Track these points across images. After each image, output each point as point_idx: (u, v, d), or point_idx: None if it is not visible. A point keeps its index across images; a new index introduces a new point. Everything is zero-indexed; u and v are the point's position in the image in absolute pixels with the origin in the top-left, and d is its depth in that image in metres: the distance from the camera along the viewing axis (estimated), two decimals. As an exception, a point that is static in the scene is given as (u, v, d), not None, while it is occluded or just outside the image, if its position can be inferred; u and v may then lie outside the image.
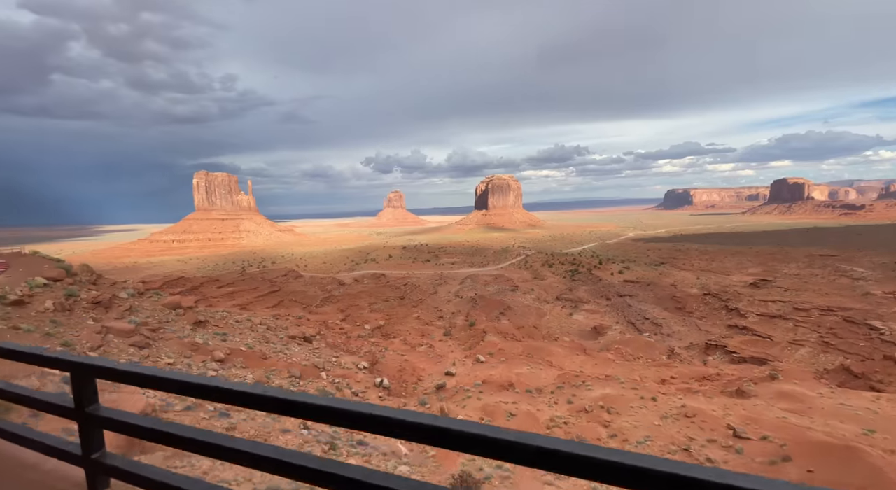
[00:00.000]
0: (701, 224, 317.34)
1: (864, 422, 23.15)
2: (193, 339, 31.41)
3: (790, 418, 24.06)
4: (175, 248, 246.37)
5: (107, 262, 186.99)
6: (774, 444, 20.66)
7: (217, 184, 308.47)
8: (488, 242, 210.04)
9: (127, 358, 22.96)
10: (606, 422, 25.94)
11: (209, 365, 28.04)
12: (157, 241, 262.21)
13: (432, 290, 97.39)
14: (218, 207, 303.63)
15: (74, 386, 1.89)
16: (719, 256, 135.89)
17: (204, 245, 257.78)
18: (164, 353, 26.02)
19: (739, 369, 42.57)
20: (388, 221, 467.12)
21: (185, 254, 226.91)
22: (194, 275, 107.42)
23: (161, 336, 28.74)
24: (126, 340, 24.91)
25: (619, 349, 54.71)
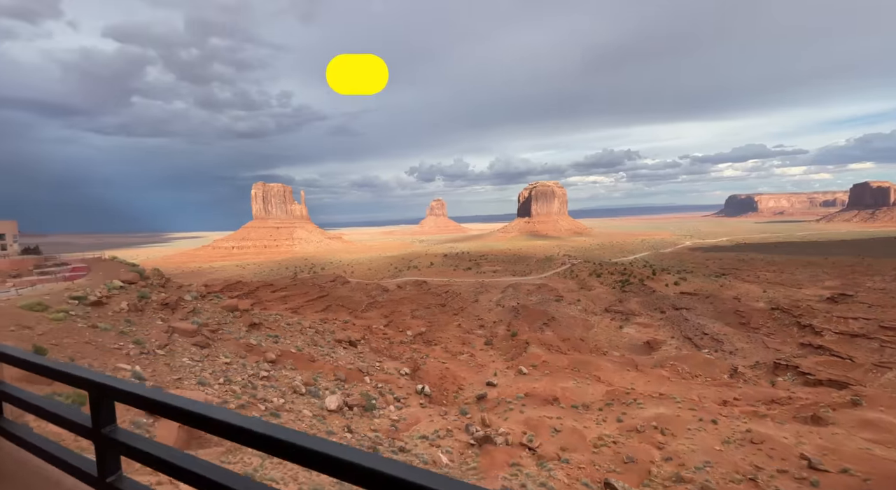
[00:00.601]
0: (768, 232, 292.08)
1: (973, 461, 19.98)
2: (248, 340, 33.31)
3: (875, 450, 21.25)
4: (234, 254, 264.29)
5: (175, 266, 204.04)
6: (857, 477, 18.31)
7: (273, 194, 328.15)
8: (531, 251, 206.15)
9: (189, 357, 24.73)
10: (660, 443, 24.28)
11: (262, 366, 29.57)
12: (219, 247, 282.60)
13: (473, 298, 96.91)
14: (273, 216, 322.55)
15: (92, 406, 1.81)
16: (789, 267, 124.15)
17: (260, 251, 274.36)
18: (222, 353, 27.76)
19: (815, 393, 38.38)
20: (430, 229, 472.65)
21: (243, 259, 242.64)
22: (251, 279, 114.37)
23: (220, 336, 30.66)
24: (189, 340, 26.86)
25: (674, 366, 51.27)
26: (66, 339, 20.08)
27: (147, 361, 21.61)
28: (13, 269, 37.96)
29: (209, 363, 25.03)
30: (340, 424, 23.67)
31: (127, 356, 21.09)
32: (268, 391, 24.69)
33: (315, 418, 23.52)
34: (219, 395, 21.17)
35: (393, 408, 30.38)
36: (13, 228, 46.88)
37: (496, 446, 23.96)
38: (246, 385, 24.25)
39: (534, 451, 24.26)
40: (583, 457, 23.56)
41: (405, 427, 26.30)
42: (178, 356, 23.95)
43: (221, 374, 24.15)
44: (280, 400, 23.83)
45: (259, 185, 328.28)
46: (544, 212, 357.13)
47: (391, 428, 25.70)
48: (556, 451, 24.14)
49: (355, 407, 27.15)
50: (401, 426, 26.32)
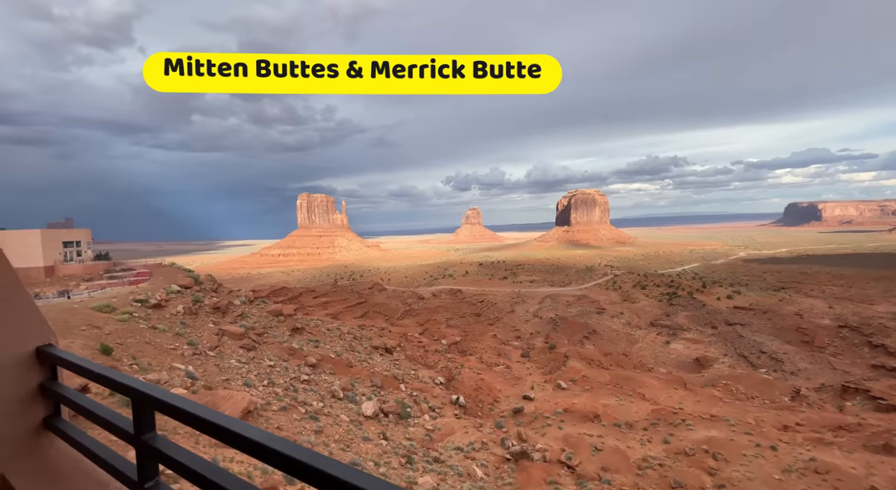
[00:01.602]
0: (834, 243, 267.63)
1: None
2: (291, 344, 34.64)
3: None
4: (280, 261, 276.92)
5: (226, 272, 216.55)
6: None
7: (316, 204, 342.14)
8: (570, 260, 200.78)
9: (237, 358, 26.07)
10: (712, 469, 22.65)
11: (303, 369, 30.60)
12: (266, 254, 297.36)
13: (509, 308, 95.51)
14: (316, 225, 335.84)
15: (135, 413, 1.86)
16: (859, 282, 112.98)
17: (304, 259, 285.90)
18: (267, 356, 29.02)
19: (887, 419, 34.45)
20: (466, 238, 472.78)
21: (288, 266, 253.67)
22: (294, 285, 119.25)
23: (265, 340, 32.08)
24: (237, 342, 28.31)
25: (727, 385, 47.85)
26: (130, 338, 21.80)
27: (199, 362, 22.98)
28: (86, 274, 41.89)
29: (254, 365, 26.22)
30: (376, 431, 23.93)
31: (181, 356, 22.55)
32: (308, 394, 25.47)
33: (352, 423, 23.95)
34: (262, 397, 22.09)
35: (427, 417, 30.36)
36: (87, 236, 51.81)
37: (533, 462, 23.29)
38: (288, 388, 25.16)
39: (573, 469, 23.35)
40: (626, 479, 22.40)
41: (440, 437, 26.17)
42: (226, 358, 25.28)
43: (266, 376, 25.22)
44: (319, 403, 24.51)
45: (304, 196, 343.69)
46: (584, 220, 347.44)
47: (426, 437, 25.66)
48: (597, 470, 23.12)
49: (391, 414, 27.40)
50: (435, 436, 26.22)
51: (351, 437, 22.14)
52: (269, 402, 21.84)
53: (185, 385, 18.73)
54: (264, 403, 21.40)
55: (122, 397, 13.52)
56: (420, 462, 21.62)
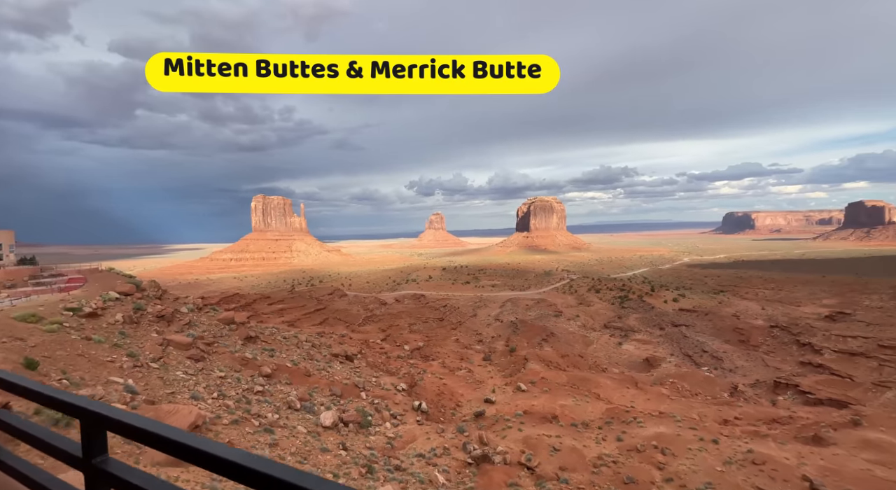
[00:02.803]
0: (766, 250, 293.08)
1: (979, 485, 19.66)
2: (244, 353, 32.92)
3: (876, 471, 20.92)
4: (232, 266, 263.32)
5: (171, 278, 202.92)
6: (864, 503, 17.98)
7: (273, 207, 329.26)
8: (530, 265, 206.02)
9: (183, 370, 24.38)
10: (661, 463, 23.86)
11: (257, 380, 29.13)
12: (217, 259, 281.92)
13: (472, 312, 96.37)
14: (273, 228, 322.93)
15: (83, 435, 1.74)
16: (788, 285, 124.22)
17: (258, 264, 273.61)
18: (217, 367, 27.39)
19: (815, 412, 37.94)
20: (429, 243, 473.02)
21: (241, 271, 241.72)
22: (248, 292, 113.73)
23: (215, 350, 30.30)
24: (184, 353, 26.53)
25: (674, 384, 50.77)
26: (59, 351, 19.82)
27: (140, 375, 21.30)
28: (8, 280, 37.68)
29: (203, 377, 24.68)
30: (335, 441, 23.21)
31: (120, 369, 20.79)
32: (262, 406, 24.28)
33: (310, 435, 23.08)
34: (212, 410, 20.81)
35: (389, 424, 29.84)
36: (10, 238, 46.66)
37: (494, 465, 23.50)
38: (240, 400, 23.86)
39: (532, 470, 23.79)
40: (582, 477, 23.11)
41: (401, 445, 25.81)
42: (172, 369, 23.62)
43: (216, 388, 23.79)
44: (274, 415, 23.43)
45: (259, 198, 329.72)
46: (543, 227, 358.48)
47: (387, 445, 25.22)
48: (555, 470, 23.69)
49: (351, 423, 26.67)
50: (397, 444, 25.83)
51: (308, 448, 21.33)
52: (219, 416, 20.61)
53: (123, 400, 17.26)
54: (214, 417, 20.16)
55: (49, 414, 12.20)
56: (381, 471, 21.19)
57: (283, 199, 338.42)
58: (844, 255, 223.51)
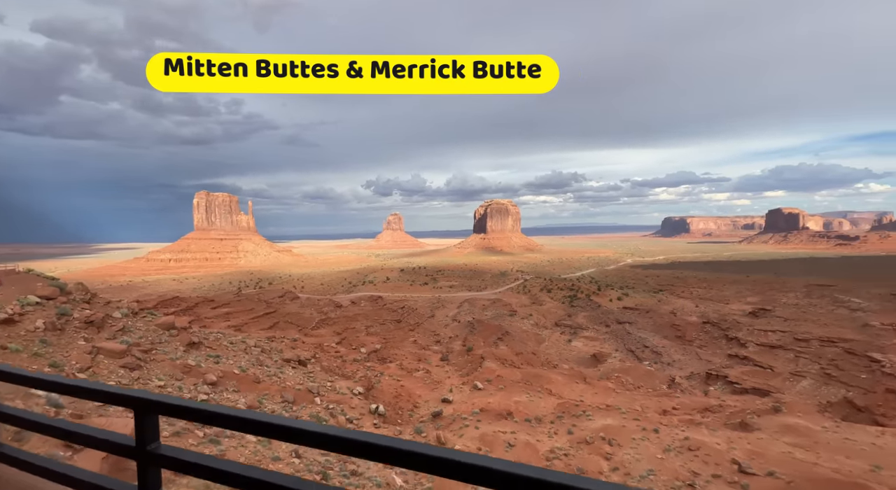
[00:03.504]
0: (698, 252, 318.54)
1: (870, 457, 22.55)
2: (186, 360, 30.76)
3: (796, 453, 23.42)
4: (171, 268, 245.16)
5: (101, 280, 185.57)
6: (781, 480, 20.03)
7: (217, 204, 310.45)
8: (486, 266, 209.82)
9: (116, 380, 22.38)
10: (608, 454, 25.18)
11: (201, 388, 27.32)
12: (154, 259, 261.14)
13: (430, 313, 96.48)
14: (217, 227, 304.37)
15: (137, 423, 1.82)
16: (717, 285, 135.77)
17: (200, 265, 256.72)
18: (155, 376, 25.42)
19: (742, 400, 41.74)
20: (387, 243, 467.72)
21: (181, 273, 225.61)
22: (189, 295, 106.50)
23: (153, 357, 28.15)
24: (117, 361, 24.39)
25: (619, 378, 53.75)
26: (-36, 363, 17.46)
27: (64, 387, 19.28)
28: None
29: (139, 387, 22.79)
30: (288, 449, 22.31)
31: (40, 381, 18.70)
32: (207, 416, 22.84)
33: (259, 443, 22.00)
34: (150, 423, 19.28)
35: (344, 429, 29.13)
36: None
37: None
38: (182, 410, 22.29)
39: (489, 467, 24.27)
40: (536, 471, 23.88)
41: (357, 449, 25.32)
42: (102, 380, 21.61)
43: (154, 398, 22.07)
44: (221, 425, 22.12)
45: (202, 194, 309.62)
46: (499, 229, 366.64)
47: (343, 450, 24.63)
48: (511, 466, 24.31)
49: (304, 430, 25.74)
50: (353, 448, 25.32)
51: (258, 458, 20.33)
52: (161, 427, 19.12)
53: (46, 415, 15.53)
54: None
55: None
56: (336, 477, 20.65)
57: (229, 196, 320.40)
58: (765, 257, 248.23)
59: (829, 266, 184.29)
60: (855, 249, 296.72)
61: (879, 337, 67.37)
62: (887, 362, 55.54)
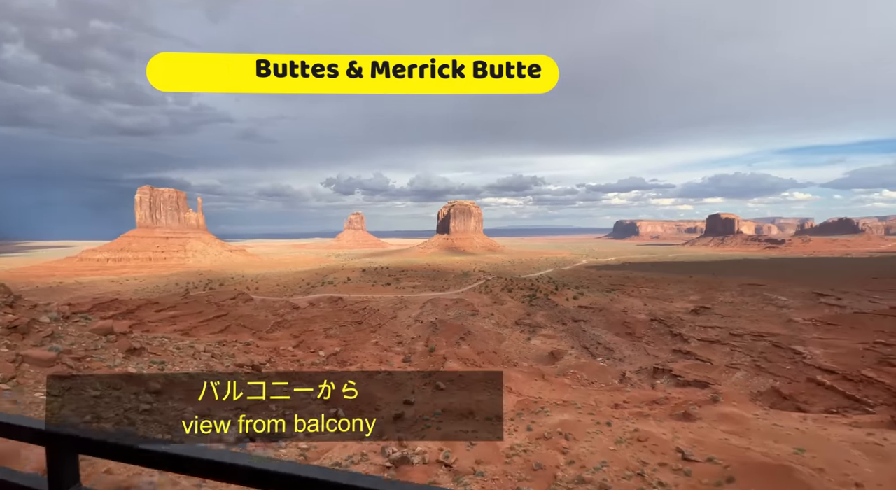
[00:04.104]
0: (646, 253, 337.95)
1: (794, 441, 24.90)
2: (126, 368, 28.57)
3: (731, 440, 25.41)
4: (109, 268, 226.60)
5: (26, 281, 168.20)
6: (719, 465, 21.65)
7: (163, 200, 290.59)
8: (450, 266, 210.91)
9: (45, 391, 20.37)
10: (565, 448, 26.11)
11: (143, 397, 25.44)
12: (89, 259, 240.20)
13: (392, 314, 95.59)
14: (162, 225, 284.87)
15: (51, 463, 1.47)
16: (663, 284, 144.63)
17: (143, 265, 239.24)
18: (90, 385, 23.40)
19: (685, 392, 44.67)
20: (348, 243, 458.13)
21: (120, 274, 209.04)
22: (130, 297, 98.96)
23: (88, 365, 25.94)
24: (45, 370, 22.25)
25: (575, 374, 55.85)
26: None
27: (-19, 401, 17.30)
28: None
29: (72, 398, 20.89)
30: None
31: (-50, 396, 16.66)
32: (150, 427, 21.29)
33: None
34: (84, 437, 17.71)
35: (302, 435, 28.28)
36: None
37: (413, 466, 23.59)
38: (120, 421, 20.64)
39: (450, 467, 24.37)
40: (496, 468, 24.30)
41: (315, 455, 24.60)
42: (28, 391, 19.64)
43: (89, 410, 20.29)
44: (166, 436, 20.73)
45: (145, 189, 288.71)
46: (462, 229, 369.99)
47: (300, 457, 23.84)
48: (472, 465, 24.56)
49: (258, 437, 24.74)
50: (311, 455, 24.56)
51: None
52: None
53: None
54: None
55: None
56: (293, 485, 19.99)
57: (176, 192, 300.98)
58: (705, 259, 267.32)
59: (760, 267, 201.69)
60: (781, 252, 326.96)
61: (801, 331, 74.62)
62: (808, 354, 61.62)
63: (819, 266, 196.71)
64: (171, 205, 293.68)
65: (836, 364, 55.86)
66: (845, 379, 49.62)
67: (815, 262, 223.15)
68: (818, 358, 59.30)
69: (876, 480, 18.62)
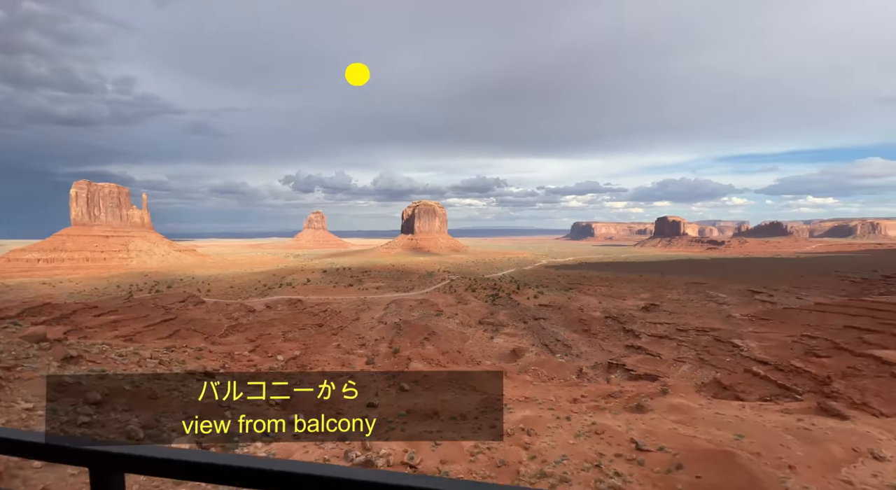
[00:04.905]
0: (601, 254, 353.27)
1: (734, 428, 27.01)
2: (61, 378, 26.20)
3: (680, 429, 27.17)
4: (40, 269, 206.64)
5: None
6: (669, 453, 23.09)
7: (102, 196, 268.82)
8: (414, 266, 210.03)
9: (-36, 407, 18.27)
10: (527, 444, 26.80)
11: (81, 409, 23.42)
12: (17, 259, 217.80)
13: (354, 316, 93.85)
14: (102, 222, 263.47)
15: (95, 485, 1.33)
16: (617, 283, 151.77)
17: (79, 266, 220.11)
18: (20, 397, 21.28)
19: (637, 386, 47.18)
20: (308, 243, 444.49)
21: (52, 275, 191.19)
22: (64, 301, 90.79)
23: (18, 375, 23.60)
24: (-36, 384, 20.03)
25: (535, 370, 57.43)
26: None
27: None
28: None
29: (1, 411, 18.96)
30: None
31: None
32: (91, 442, 19.69)
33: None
34: (13, 456, 16.09)
35: (260, 443, 27.10)
36: None
37: (377, 469, 23.35)
38: (57, 437, 18.94)
39: (415, 468, 24.34)
40: (461, 467, 24.54)
41: (276, 463, 23.76)
42: (-57, 409, 17.59)
43: (20, 423, 18.47)
44: (109, 451, 19.23)
45: (82, 184, 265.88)
46: (427, 229, 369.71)
47: (259, 466, 22.92)
48: (437, 465, 24.66)
49: (211, 448, 23.50)
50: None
51: (156, 483, 18.10)
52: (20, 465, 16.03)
53: None
54: (15, 465, 15.62)
55: None
56: (252, 495, 19.17)
57: (118, 187, 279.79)
58: (654, 259, 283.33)
59: (703, 266, 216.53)
60: (721, 252, 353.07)
61: (739, 326, 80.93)
62: (745, 347, 66.90)
63: (753, 265, 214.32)
64: (112, 201, 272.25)
65: (769, 356, 61.08)
66: (777, 369, 54.40)
67: (750, 262, 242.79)
68: (754, 350, 64.57)
69: (806, 462, 20.61)
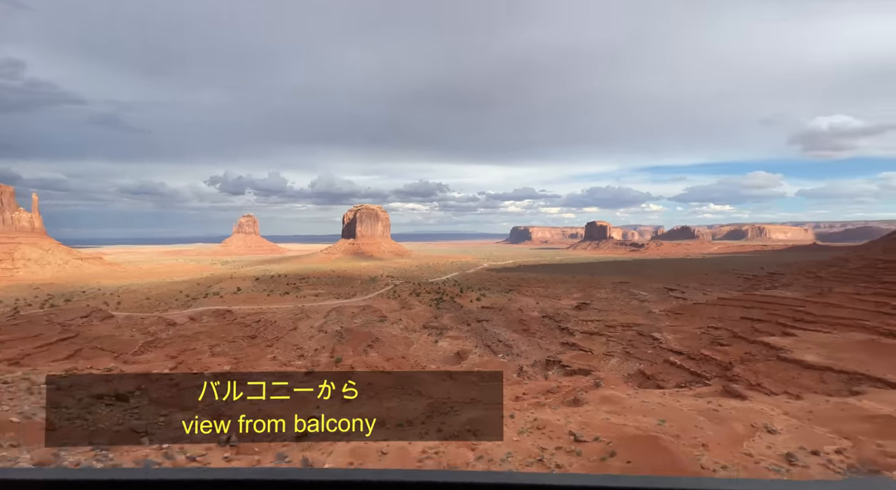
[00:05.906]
0: (538, 257, 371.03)
1: (657, 414, 29.57)
2: (-77, 415, 21.76)
3: (612, 419, 29.15)
4: None
5: None
6: (603, 442, 24.67)
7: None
8: (356, 272, 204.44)
9: None
10: (473, 445, 27.11)
11: (-49, 451, 19.54)
12: None
13: (291, 325, 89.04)
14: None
15: None
16: (552, 284, 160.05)
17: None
18: None
19: (573, 380, 49.93)
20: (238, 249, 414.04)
21: None
22: (-76, 321, 75.95)
23: None
24: None
25: (479, 372, 58.46)
26: None
27: None
28: None
29: None
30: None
31: None
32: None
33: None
34: None
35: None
36: None
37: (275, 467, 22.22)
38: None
39: (361, 480, 23.58)
40: (409, 475, 24.22)
41: None
42: None
43: None
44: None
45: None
46: (369, 234, 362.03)
47: None
48: (384, 475, 24.10)
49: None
50: None
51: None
52: None
53: None
54: None
55: None
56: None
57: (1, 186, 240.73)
58: (584, 261, 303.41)
59: (627, 267, 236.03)
60: (642, 254, 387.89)
61: (658, 320, 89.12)
62: (663, 339, 73.72)
63: (668, 266, 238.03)
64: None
65: (683, 346, 67.91)
66: (690, 358, 60.65)
67: (665, 263, 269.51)
68: (670, 342, 71.42)
69: (716, 440, 23.11)
